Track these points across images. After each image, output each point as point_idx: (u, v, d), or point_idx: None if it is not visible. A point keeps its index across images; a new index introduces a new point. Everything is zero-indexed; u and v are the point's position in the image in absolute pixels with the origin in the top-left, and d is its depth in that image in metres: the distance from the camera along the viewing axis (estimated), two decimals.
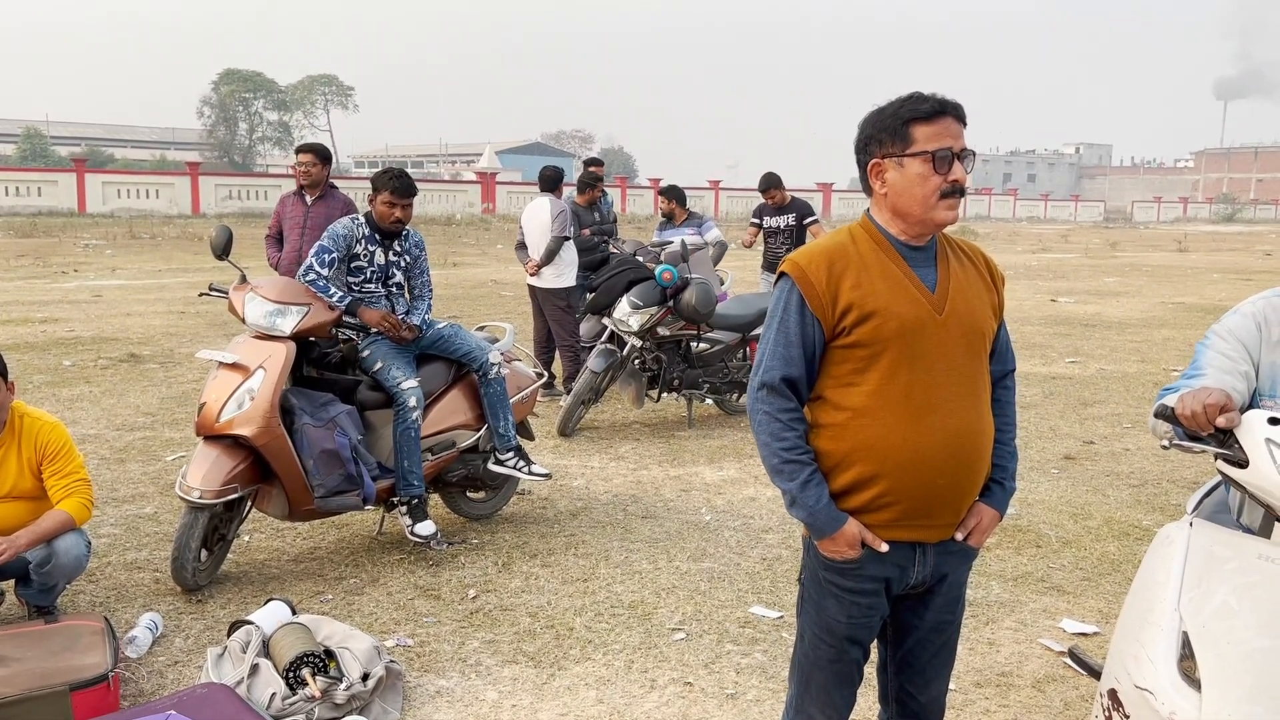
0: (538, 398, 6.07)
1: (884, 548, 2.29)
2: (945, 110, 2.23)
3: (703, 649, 4.01)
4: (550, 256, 7.94)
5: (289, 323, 4.56)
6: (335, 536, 5.22)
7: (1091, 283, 20.78)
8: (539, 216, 8.09)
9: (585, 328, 8.33)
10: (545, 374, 7.98)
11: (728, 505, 5.78)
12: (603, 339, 7.45)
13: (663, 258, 7.43)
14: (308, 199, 7.13)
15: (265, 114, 79.46)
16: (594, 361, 7.21)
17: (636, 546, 5.10)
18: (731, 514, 5.62)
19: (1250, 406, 2.55)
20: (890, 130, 2.25)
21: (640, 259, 7.58)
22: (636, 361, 7.35)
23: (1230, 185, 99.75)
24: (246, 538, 5.13)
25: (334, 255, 4.77)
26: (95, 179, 38.26)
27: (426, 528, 4.85)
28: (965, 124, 2.27)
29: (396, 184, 4.83)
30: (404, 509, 4.88)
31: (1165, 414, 2.30)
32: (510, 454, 5.21)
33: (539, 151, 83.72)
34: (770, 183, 9.42)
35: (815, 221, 9.53)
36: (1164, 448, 2.37)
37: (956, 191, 2.23)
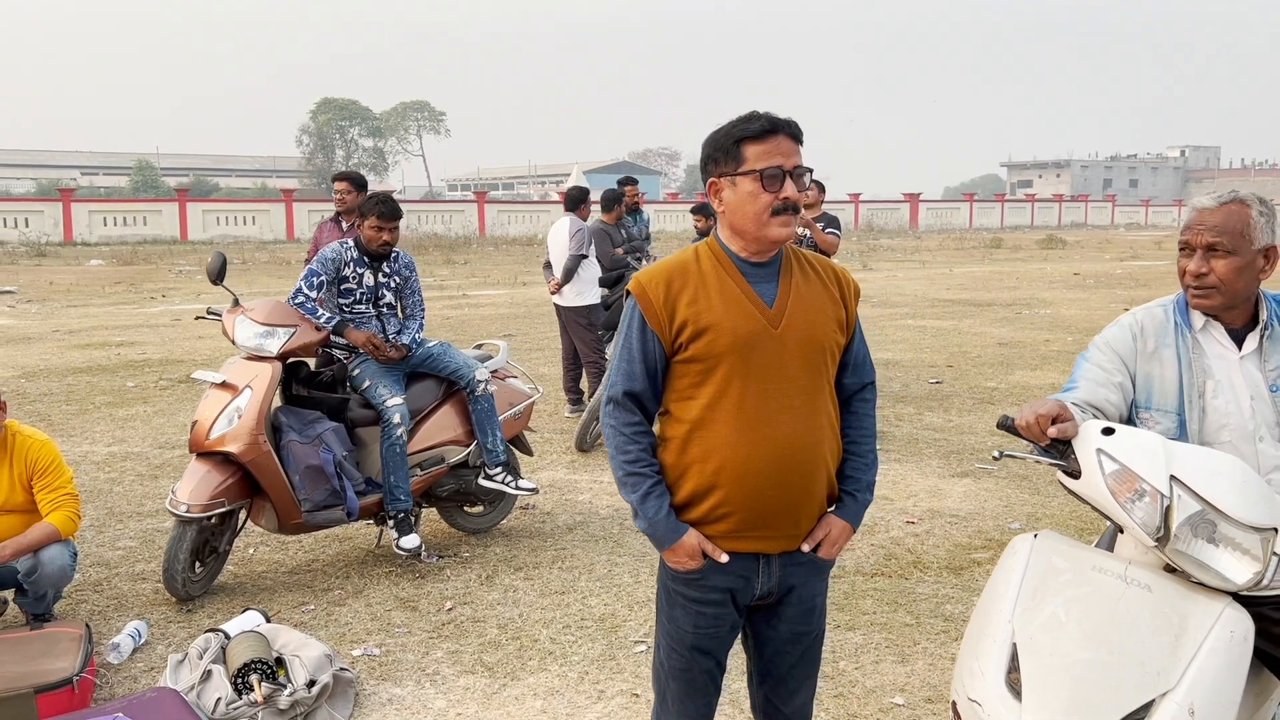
0: (531, 411, 6.11)
1: (723, 558, 2.32)
2: (777, 129, 2.27)
3: None
4: (569, 275, 8.06)
5: (276, 343, 4.76)
6: (335, 550, 5.40)
7: (1175, 290, 20.03)
8: (560, 236, 8.23)
9: (612, 347, 8.41)
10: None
11: None
12: None
13: None
14: (344, 225, 7.41)
15: (360, 141, 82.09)
16: None
17: (622, 560, 5.16)
18: None
19: (1129, 418, 2.53)
20: (724, 150, 2.30)
21: None
22: None
23: None
24: (251, 551, 5.35)
25: (322, 278, 4.97)
26: (196, 208, 40.11)
27: (411, 541, 4.99)
28: (800, 142, 2.30)
29: (383, 208, 5.01)
30: (391, 523, 5.04)
31: (1006, 425, 2.29)
32: (499, 469, 5.33)
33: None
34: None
35: (834, 234, 8.89)
36: (995, 458, 2.36)
37: (789, 209, 2.27)
